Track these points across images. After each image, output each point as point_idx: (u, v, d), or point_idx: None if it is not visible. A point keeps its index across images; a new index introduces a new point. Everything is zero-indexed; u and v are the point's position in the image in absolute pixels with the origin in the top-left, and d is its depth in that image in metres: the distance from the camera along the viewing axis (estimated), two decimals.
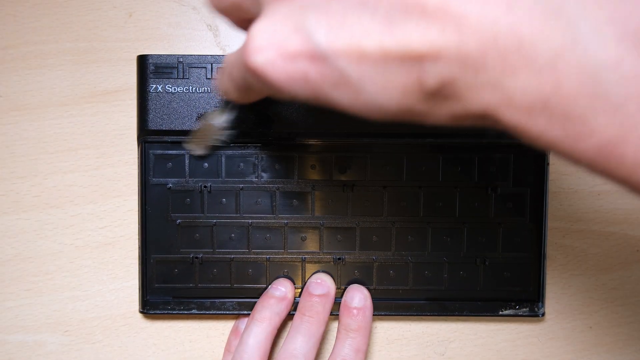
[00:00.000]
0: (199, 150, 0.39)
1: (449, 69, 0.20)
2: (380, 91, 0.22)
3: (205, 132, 0.39)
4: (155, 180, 0.40)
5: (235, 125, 0.39)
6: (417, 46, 0.20)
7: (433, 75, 0.21)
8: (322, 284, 0.40)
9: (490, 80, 0.20)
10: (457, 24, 0.19)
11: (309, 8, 0.22)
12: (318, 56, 0.22)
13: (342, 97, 0.23)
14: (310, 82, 0.23)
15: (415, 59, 0.20)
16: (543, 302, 0.41)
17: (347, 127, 0.39)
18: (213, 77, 0.39)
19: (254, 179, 0.40)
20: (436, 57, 0.20)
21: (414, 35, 0.20)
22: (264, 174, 0.40)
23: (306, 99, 0.24)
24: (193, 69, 0.39)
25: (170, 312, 0.40)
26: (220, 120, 0.38)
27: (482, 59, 0.19)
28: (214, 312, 0.41)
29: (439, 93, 0.21)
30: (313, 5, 0.22)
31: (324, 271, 0.41)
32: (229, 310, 0.41)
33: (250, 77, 0.24)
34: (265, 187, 0.40)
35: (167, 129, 0.39)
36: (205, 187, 0.40)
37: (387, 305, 0.41)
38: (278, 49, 0.22)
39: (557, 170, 0.42)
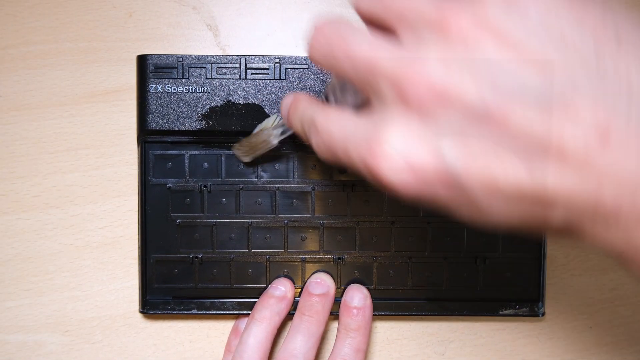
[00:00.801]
0: (247, 158, 0.39)
1: (580, 216, 0.20)
2: (503, 218, 0.22)
3: (260, 140, 0.38)
4: (155, 180, 0.40)
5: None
6: (553, 190, 0.20)
7: (561, 218, 0.21)
8: (321, 284, 0.40)
9: (619, 229, 0.20)
10: (597, 175, 0.19)
11: (446, 132, 0.21)
12: (452, 183, 0.22)
13: (463, 213, 0.23)
14: (437, 201, 0.23)
15: (548, 202, 0.20)
16: (543, 302, 0.41)
17: None
18: (213, 77, 0.39)
19: (254, 179, 0.40)
20: (570, 204, 0.20)
21: (551, 179, 0.20)
22: (264, 174, 0.40)
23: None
24: (193, 68, 0.39)
25: (170, 312, 0.40)
26: (280, 130, 0.37)
27: (616, 210, 0.19)
28: (214, 312, 0.41)
29: (560, 231, 0.22)
30: (449, 129, 0.21)
31: (323, 271, 0.41)
32: (229, 310, 0.41)
33: (367, 174, 0.24)
34: (265, 187, 0.40)
35: (167, 128, 0.39)
36: (205, 187, 0.40)
37: (387, 305, 0.41)
38: (411, 169, 0.22)
39: None
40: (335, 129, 0.26)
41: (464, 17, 0.21)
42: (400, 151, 0.22)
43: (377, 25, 0.25)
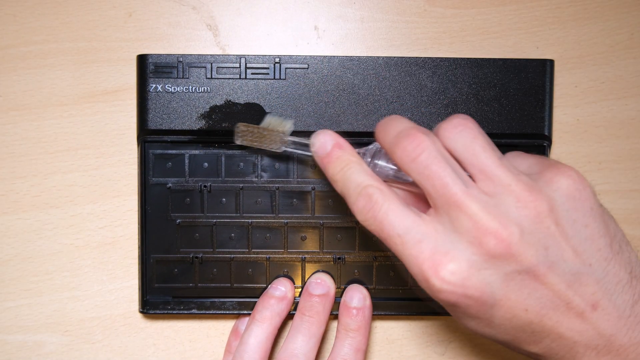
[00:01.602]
0: (242, 141, 0.38)
1: (570, 347, 0.29)
2: (500, 335, 0.30)
3: (269, 138, 0.38)
4: (155, 180, 0.40)
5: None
6: (551, 327, 0.29)
7: (549, 345, 0.29)
8: (321, 284, 0.40)
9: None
10: (586, 324, 0.28)
11: (499, 272, 0.28)
12: (487, 305, 0.28)
13: (473, 323, 0.30)
14: (460, 310, 0.29)
15: (543, 334, 0.29)
16: None
17: (346, 126, 0.39)
18: (213, 76, 0.39)
19: (254, 179, 0.40)
20: (560, 339, 0.29)
21: (555, 319, 0.29)
22: (264, 174, 0.40)
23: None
24: (193, 68, 0.39)
25: (170, 312, 0.40)
26: (293, 147, 0.37)
27: (588, 348, 0.29)
28: (214, 311, 0.41)
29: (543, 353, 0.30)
30: (503, 272, 0.28)
31: (323, 271, 0.41)
32: (229, 310, 0.41)
33: (417, 275, 0.29)
34: (265, 186, 0.40)
35: (167, 128, 0.39)
36: (205, 186, 0.40)
37: (387, 305, 0.41)
38: (463, 291, 0.28)
39: None
40: (399, 221, 0.30)
41: (543, 203, 0.28)
42: (460, 277, 0.28)
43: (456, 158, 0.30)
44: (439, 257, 0.28)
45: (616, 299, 0.28)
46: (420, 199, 0.32)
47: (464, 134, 0.30)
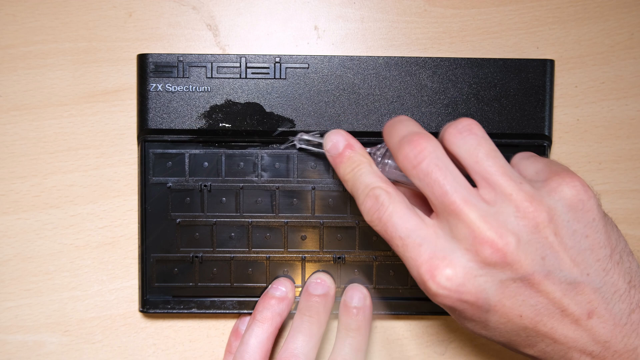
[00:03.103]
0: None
1: (566, 351, 0.29)
2: (497, 337, 0.31)
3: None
4: (155, 179, 0.40)
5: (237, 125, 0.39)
6: (549, 332, 0.29)
7: (545, 349, 0.30)
8: (322, 284, 0.40)
9: None
10: (583, 331, 0.29)
11: (495, 279, 0.29)
12: (482, 309, 0.29)
13: (470, 326, 0.31)
14: (458, 312, 0.30)
15: (539, 338, 0.30)
16: None
17: (346, 126, 0.39)
18: (213, 76, 0.39)
19: (254, 178, 0.40)
20: (558, 342, 0.29)
21: (551, 325, 0.29)
22: (264, 173, 0.40)
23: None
24: (193, 68, 0.39)
25: (170, 311, 0.40)
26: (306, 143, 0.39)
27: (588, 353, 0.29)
28: (214, 311, 0.41)
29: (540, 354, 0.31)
30: (499, 278, 0.29)
31: (323, 271, 0.41)
32: (229, 309, 0.41)
33: (415, 276, 0.30)
34: (265, 186, 0.40)
35: (167, 128, 0.39)
36: (205, 186, 0.40)
37: (387, 305, 0.41)
38: (458, 296, 0.29)
39: None
40: (402, 223, 0.30)
41: (542, 213, 0.29)
42: (456, 282, 0.29)
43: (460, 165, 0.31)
44: (436, 261, 0.29)
45: (613, 307, 0.29)
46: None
47: (468, 140, 0.30)
